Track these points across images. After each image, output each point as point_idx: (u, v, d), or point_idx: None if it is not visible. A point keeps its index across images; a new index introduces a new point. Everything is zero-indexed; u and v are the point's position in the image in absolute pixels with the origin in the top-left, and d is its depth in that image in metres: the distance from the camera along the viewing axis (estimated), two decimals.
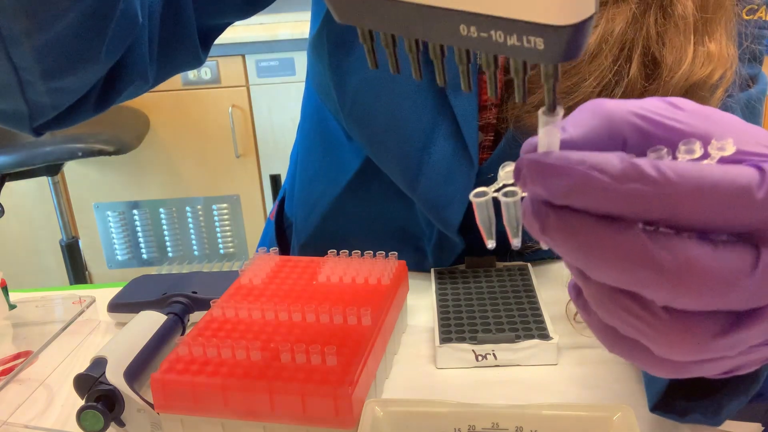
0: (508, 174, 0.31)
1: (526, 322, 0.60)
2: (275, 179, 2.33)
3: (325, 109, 0.75)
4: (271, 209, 0.93)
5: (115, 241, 2.45)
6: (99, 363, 0.52)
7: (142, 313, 0.60)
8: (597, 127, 0.30)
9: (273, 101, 2.25)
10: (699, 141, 0.28)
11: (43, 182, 2.18)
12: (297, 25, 2.22)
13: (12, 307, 0.67)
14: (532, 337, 0.58)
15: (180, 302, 0.63)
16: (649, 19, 0.55)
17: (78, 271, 2.27)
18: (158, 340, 0.57)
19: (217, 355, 0.49)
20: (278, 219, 0.90)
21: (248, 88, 2.24)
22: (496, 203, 0.32)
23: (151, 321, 0.59)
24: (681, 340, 0.28)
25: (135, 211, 2.41)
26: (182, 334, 0.61)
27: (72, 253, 2.24)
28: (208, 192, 2.39)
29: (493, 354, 0.57)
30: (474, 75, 0.61)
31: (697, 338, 0.28)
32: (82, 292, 0.71)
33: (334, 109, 0.71)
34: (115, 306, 0.67)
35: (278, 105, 2.25)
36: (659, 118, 0.30)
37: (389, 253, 0.62)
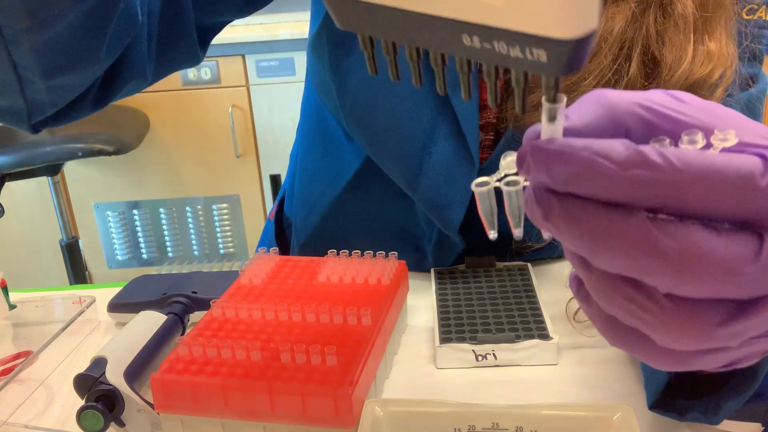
0: (509, 163, 0.31)
1: (526, 322, 0.60)
2: (275, 179, 2.33)
3: (325, 108, 0.75)
4: (270, 209, 0.93)
5: (115, 241, 2.45)
6: (99, 363, 0.52)
7: (142, 313, 0.60)
8: (600, 116, 0.30)
9: (273, 101, 2.25)
10: (701, 132, 0.28)
11: (43, 182, 2.18)
12: (297, 25, 2.21)
13: (12, 307, 0.67)
14: (532, 337, 0.58)
15: (180, 302, 0.63)
16: (648, 17, 0.55)
17: (78, 271, 2.27)
18: (158, 340, 0.57)
19: (217, 355, 0.49)
20: (278, 219, 0.90)
21: (248, 88, 2.24)
22: (498, 193, 0.32)
23: (151, 321, 0.59)
24: (684, 328, 0.28)
25: (135, 211, 2.41)
26: (182, 334, 0.61)
27: (72, 253, 2.24)
28: (208, 192, 2.39)
29: (493, 354, 0.57)
30: (474, 76, 0.61)
31: (700, 326, 0.28)
32: (82, 292, 0.71)
33: (334, 109, 0.71)
34: (115, 306, 0.67)
35: (278, 105, 2.25)
36: (662, 110, 0.30)
37: (389, 253, 0.62)
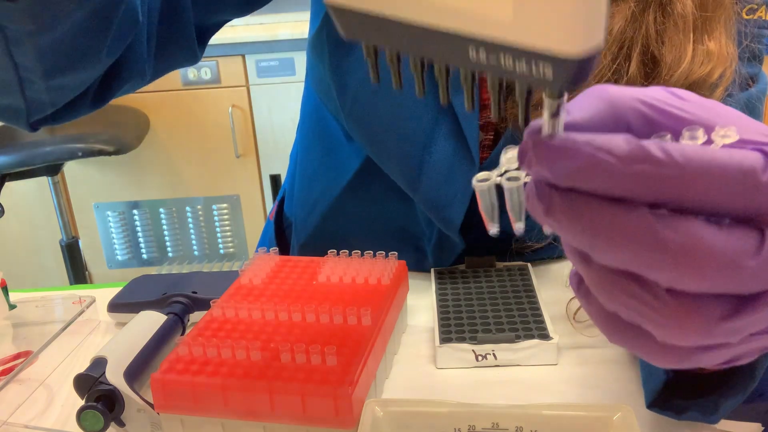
0: (510, 159, 0.31)
1: (526, 322, 0.60)
2: (275, 179, 2.33)
3: (325, 108, 0.75)
4: (270, 209, 0.93)
5: (115, 241, 2.44)
6: (99, 363, 0.52)
7: (142, 313, 0.60)
8: (601, 111, 0.30)
9: (273, 101, 2.25)
10: (702, 128, 0.29)
11: (43, 182, 2.17)
12: (297, 25, 2.21)
13: (12, 307, 0.67)
14: (532, 337, 0.58)
15: (180, 302, 0.63)
16: (648, 17, 0.55)
17: (78, 271, 2.27)
18: (158, 340, 0.57)
19: (217, 355, 0.49)
20: (278, 219, 0.90)
21: (248, 88, 2.24)
22: (499, 189, 0.32)
23: (151, 321, 0.59)
24: (685, 323, 0.28)
25: (135, 211, 2.41)
26: (182, 334, 0.61)
27: (72, 253, 2.24)
28: (208, 192, 2.38)
29: (493, 354, 0.57)
30: (476, 90, 0.61)
31: (701, 321, 0.28)
32: (82, 292, 0.71)
33: (334, 109, 0.71)
34: (115, 306, 0.67)
35: (278, 105, 2.25)
36: (663, 106, 0.30)
37: (389, 253, 0.62)
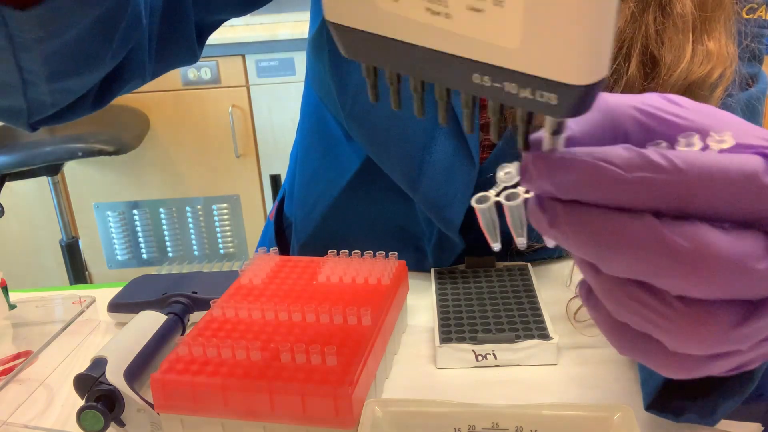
0: (507, 176, 0.31)
1: (526, 322, 0.60)
2: (275, 179, 2.33)
3: (325, 108, 0.75)
4: (270, 209, 0.93)
5: (115, 241, 2.45)
6: (99, 363, 0.52)
7: (142, 313, 0.60)
8: (599, 121, 0.30)
9: (273, 101, 2.25)
10: (698, 134, 0.29)
11: (43, 182, 2.17)
12: (297, 25, 2.21)
13: (12, 307, 0.67)
14: (532, 337, 0.58)
15: (180, 302, 0.63)
16: (647, 17, 0.55)
17: (78, 271, 2.27)
18: (158, 340, 0.57)
19: (217, 355, 0.49)
20: (278, 219, 0.90)
21: (248, 88, 2.24)
22: (498, 206, 0.32)
23: (151, 321, 0.59)
24: (698, 331, 0.28)
25: (135, 211, 2.41)
26: (182, 334, 0.61)
27: (72, 253, 2.24)
28: (208, 192, 2.38)
29: (493, 354, 0.57)
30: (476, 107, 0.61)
31: (714, 328, 0.28)
32: (82, 292, 0.71)
33: (334, 109, 0.71)
34: (115, 306, 0.67)
35: (278, 105, 2.25)
36: (660, 113, 0.30)
37: (389, 253, 0.62)
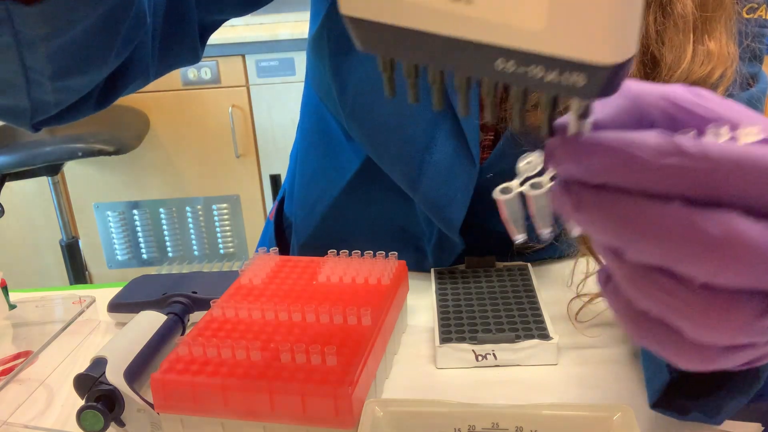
0: (528, 166, 0.30)
1: (526, 322, 0.60)
2: (275, 179, 2.33)
3: (325, 108, 0.75)
4: (270, 209, 0.93)
5: (115, 241, 2.44)
6: (99, 363, 0.52)
7: (142, 313, 0.60)
8: (624, 108, 0.29)
9: (273, 101, 2.25)
10: (727, 125, 0.28)
11: (43, 182, 2.17)
12: (297, 25, 2.21)
13: (12, 307, 0.67)
14: (532, 337, 0.58)
15: (180, 302, 0.63)
16: (648, 17, 0.55)
17: (78, 271, 2.27)
18: (158, 340, 0.57)
19: (217, 355, 0.49)
20: (278, 219, 0.90)
21: (248, 88, 2.24)
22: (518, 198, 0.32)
23: (151, 321, 0.59)
24: (721, 319, 0.27)
25: (135, 211, 2.41)
26: (182, 334, 0.61)
27: (72, 253, 2.24)
28: (208, 192, 2.38)
29: (493, 354, 0.57)
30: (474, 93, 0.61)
31: (738, 317, 0.27)
32: (82, 292, 0.71)
33: (334, 109, 0.71)
34: (115, 306, 0.66)
35: (278, 105, 2.25)
36: (687, 104, 0.29)
37: (389, 253, 0.62)
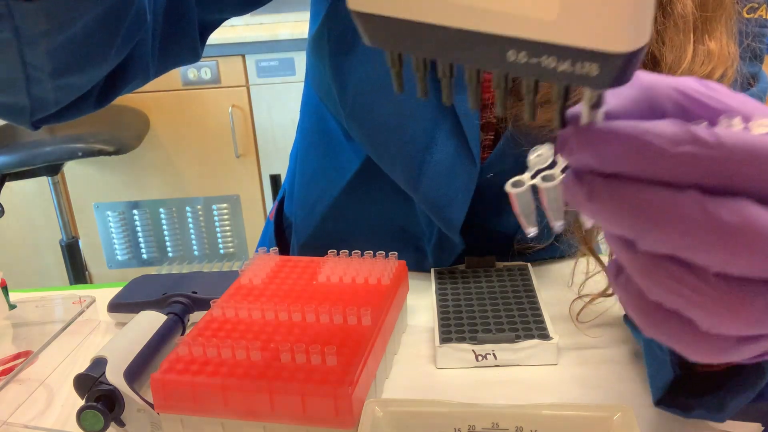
0: (538, 159, 0.30)
1: (526, 322, 0.60)
2: (275, 179, 2.33)
3: (325, 108, 0.75)
4: (270, 209, 0.93)
5: (115, 241, 2.45)
6: (99, 363, 0.52)
7: (142, 313, 0.60)
8: (636, 98, 0.29)
9: (273, 101, 2.25)
10: (740, 116, 0.28)
11: (43, 182, 2.17)
12: (297, 25, 2.21)
13: (12, 307, 0.67)
14: (532, 337, 0.58)
15: (180, 302, 0.63)
16: None
17: (78, 271, 2.27)
18: (158, 340, 0.57)
19: (217, 355, 0.49)
20: (278, 219, 0.90)
21: (248, 88, 2.24)
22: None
23: (151, 321, 0.59)
24: (735, 309, 0.27)
25: (135, 211, 2.41)
26: (182, 334, 0.61)
27: (72, 253, 2.24)
28: (208, 192, 2.38)
29: (493, 354, 0.57)
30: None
31: (752, 307, 0.27)
32: (82, 292, 0.71)
33: (334, 109, 0.71)
34: (115, 306, 0.66)
35: (278, 105, 2.25)
36: (698, 96, 0.29)
37: (389, 253, 0.62)
